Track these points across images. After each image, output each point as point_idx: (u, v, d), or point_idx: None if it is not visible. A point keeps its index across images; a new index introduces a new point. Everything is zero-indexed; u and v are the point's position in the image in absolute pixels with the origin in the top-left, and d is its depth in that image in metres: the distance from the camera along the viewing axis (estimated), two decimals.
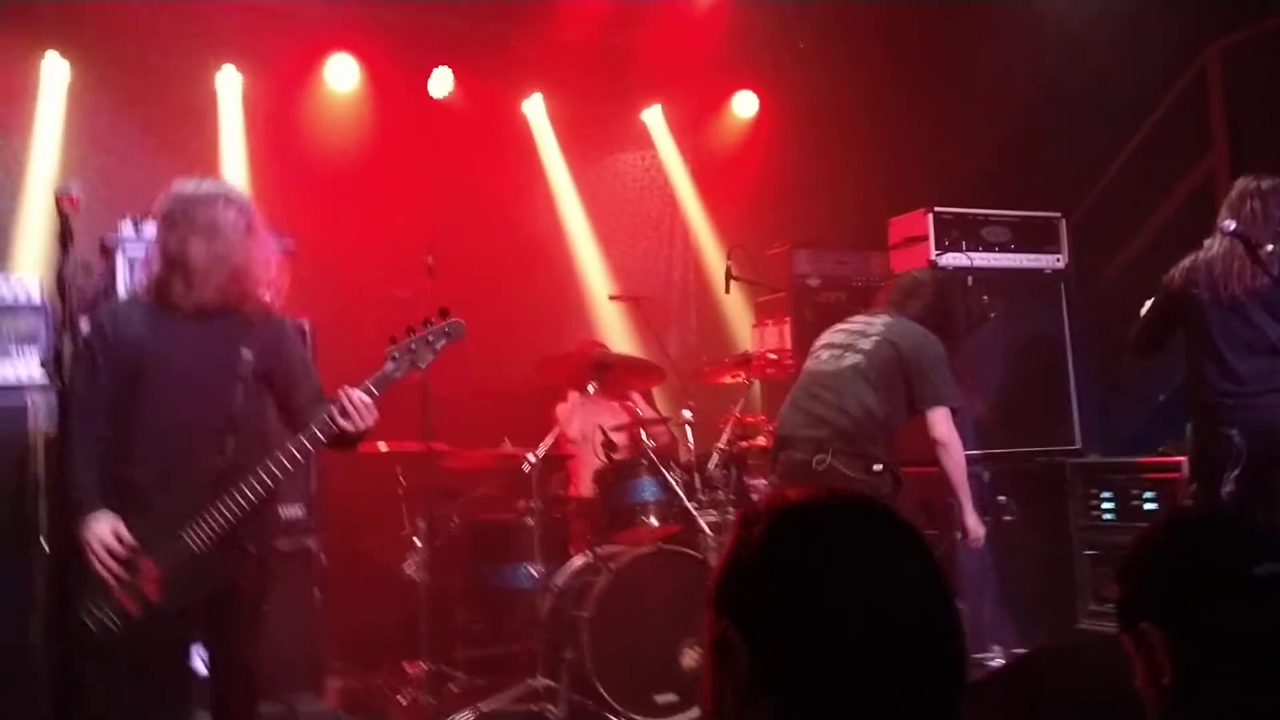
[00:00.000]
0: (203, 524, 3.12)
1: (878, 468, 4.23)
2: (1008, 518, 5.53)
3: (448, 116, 7.17)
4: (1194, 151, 6.00)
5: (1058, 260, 6.16)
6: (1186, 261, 4.54)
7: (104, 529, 3.07)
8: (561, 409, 5.79)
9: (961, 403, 4.46)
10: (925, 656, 1.18)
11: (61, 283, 2.93)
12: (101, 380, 3.19)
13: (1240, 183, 4.48)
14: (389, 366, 3.31)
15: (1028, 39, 6.27)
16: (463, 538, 5.38)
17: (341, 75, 6.86)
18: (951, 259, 5.80)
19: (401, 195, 6.80)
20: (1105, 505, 5.56)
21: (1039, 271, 6.11)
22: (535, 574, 4.96)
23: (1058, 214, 6.18)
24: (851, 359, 4.36)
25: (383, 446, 5.15)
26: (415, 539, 5.12)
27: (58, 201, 2.94)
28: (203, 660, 3.32)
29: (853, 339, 4.45)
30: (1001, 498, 5.58)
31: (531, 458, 5.02)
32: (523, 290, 6.94)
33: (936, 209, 5.89)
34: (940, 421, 4.28)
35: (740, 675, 1.19)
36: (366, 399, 3.23)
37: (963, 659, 1.21)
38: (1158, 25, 5.80)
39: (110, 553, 3.05)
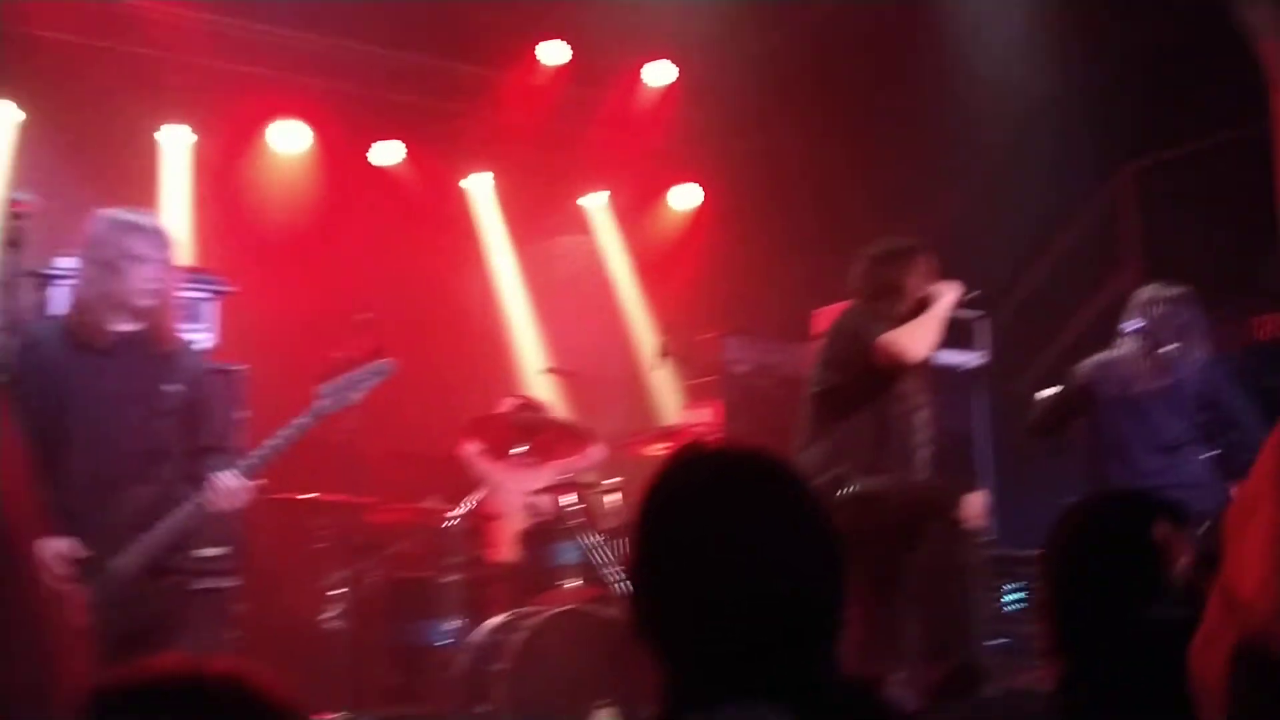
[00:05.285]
0: (132, 554, 3.09)
1: None
2: None
3: (393, 186, 7.30)
4: (1110, 263, 6.35)
5: (980, 357, 6.38)
6: (1095, 358, 4.77)
7: (59, 545, 2.99)
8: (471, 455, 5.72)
9: None
10: (795, 606, 1.20)
11: (9, 283, 2.94)
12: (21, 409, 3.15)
13: (1148, 289, 4.74)
14: (321, 403, 3.38)
15: (962, 144, 6.59)
16: (382, 592, 5.32)
17: (289, 139, 6.97)
18: None
19: (342, 259, 6.86)
20: (1012, 596, 5.71)
21: (961, 368, 6.30)
22: (453, 631, 4.91)
23: (981, 313, 6.41)
24: None
25: (308, 496, 5.11)
26: (334, 590, 5.06)
27: (12, 205, 2.97)
28: None
29: None
30: None
31: (454, 515, 5.02)
32: (455, 358, 6.97)
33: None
34: None
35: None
36: (234, 483, 3.20)
37: (831, 613, 1.24)
38: (1082, 142, 6.18)
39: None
